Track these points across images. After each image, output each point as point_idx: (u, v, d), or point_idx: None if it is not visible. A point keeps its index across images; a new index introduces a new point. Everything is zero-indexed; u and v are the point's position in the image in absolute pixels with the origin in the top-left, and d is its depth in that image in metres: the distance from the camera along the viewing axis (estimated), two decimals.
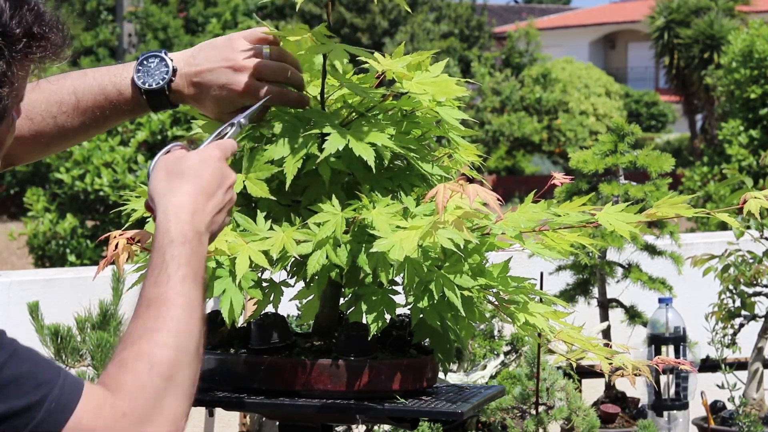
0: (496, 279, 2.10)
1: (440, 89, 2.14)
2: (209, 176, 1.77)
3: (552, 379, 3.82)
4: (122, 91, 2.09)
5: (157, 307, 1.63)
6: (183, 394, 1.61)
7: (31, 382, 1.51)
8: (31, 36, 1.60)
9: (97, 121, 2.11)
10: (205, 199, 1.75)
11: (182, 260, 1.67)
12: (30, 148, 2.13)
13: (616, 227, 2.12)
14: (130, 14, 28.40)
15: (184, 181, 1.75)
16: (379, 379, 2.09)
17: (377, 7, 31.06)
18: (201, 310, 1.67)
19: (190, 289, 1.65)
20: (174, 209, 1.71)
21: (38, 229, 11.66)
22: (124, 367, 1.58)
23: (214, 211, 1.76)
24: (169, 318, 1.62)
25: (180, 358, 1.61)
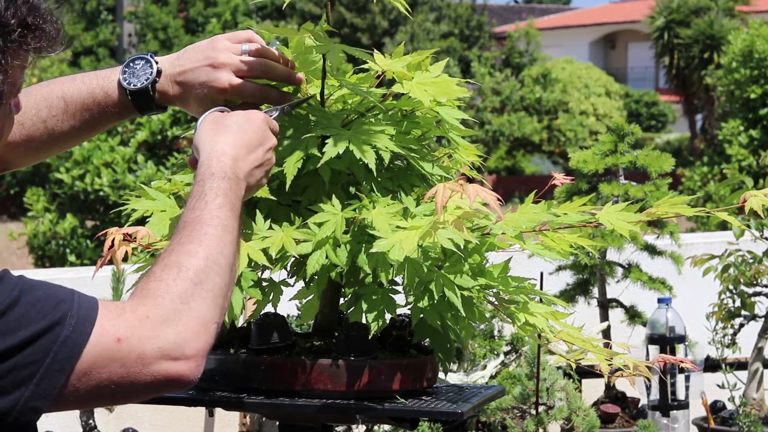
0: (496, 279, 2.10)
1: (440, 89, 2.14)
2: (252, 132, 1.90)
3: (552, 379, 3.82)
4: (109, 93, 2.11)
5: (191, 227, 1.71)
6: (212, 301, 1.64)
7: (48, 304, 1.56)
8: (26, 26, 1.64)
9: (87, 125, 2.13)
10: (247, 151, 1.87)
11: (220, 191, 1.77)
12: (22, 152, 2.14)
13: (616, 226, 2.12)
14: (130, 14, 28.40)
15: (229, 132, 1.88)
16: (379, 379, 2.09)
17: (377, 7, 31.06)
18: (236, 235, 1.74)
19: (226, 215, 1.74)
20: (217, 153, 1.83)
21: (38, 229, 11.66)
22: (152, 276, 1.64)
23: (254, 164, 1.88)
24: (202, 234, 1.69)
25: (209, 266, 1.66)
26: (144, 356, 1.57)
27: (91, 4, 29.61)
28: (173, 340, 1.59)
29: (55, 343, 1.54)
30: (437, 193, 1.91)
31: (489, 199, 1.91)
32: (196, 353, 1.61)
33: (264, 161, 1.91)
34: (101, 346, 1.56)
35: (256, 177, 1.89)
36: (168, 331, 1.59)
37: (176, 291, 1.62)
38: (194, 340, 1.61)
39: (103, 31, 29.45)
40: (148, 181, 2.80)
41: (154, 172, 11.01)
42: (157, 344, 1.58)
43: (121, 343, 1.57)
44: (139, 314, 1.59)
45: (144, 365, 1.58)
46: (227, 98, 2.08)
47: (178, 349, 1.59)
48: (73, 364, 1.55)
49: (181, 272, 1.63)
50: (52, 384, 1.54)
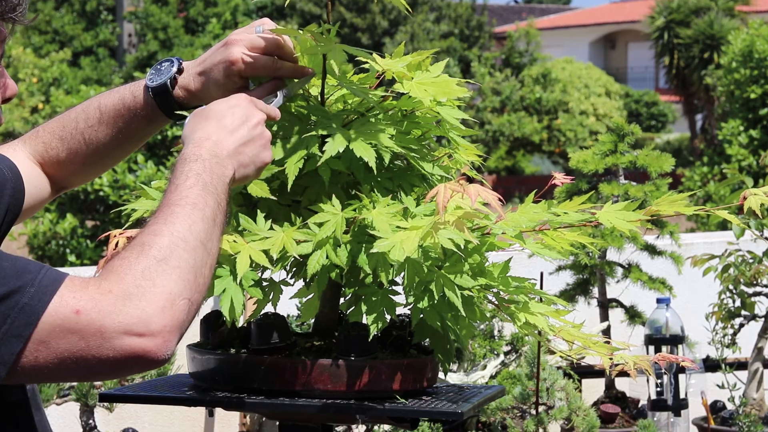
0: (496, 279, 2.10)
1: (440, 89, 2.14)
2: (231, 114, 1.90)
3: (552, 379, 3.82)
4: (137, 96, 2.14)
5: (160, 210, 1.71)
6: (179, 276, 1.62)
7: (11, 273, 1.56)
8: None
9: (121, 132, 2.15)
10: (228, 132, 1.88)
11: (191, 173, 1.76)
12: (70, 169, 2.19)
13: (616, 225, 2.12)
14: (130, 14, 28.40)
15: (209, 120, 1.90)
16: (379, 379, 2.09)
17: (377, 7, 31.06)
18: (210, 211, 1.72)
19: (197, 193, 1.73)
20: (194, 141, 1.85)
21: (38, 229, 11.66)
22: (117, 256, 1.63)
23: (240, 141, 1.88)
24: (169, 213, 1.69)
25: (175, 243, 1.64)
26: (104, 330, 1.56)
27: (91, 4, 29.62)
28: (136, 315, 1.57)
29: (13, 309, 1.55)
30: (438, 193, 1.91)
31: (490, 199, 1.91)
32: (162, 329, 1.58)
33: (252, 137, 1.91)
34: (59, 316, 1.56)
35: (249, 154, 1.89)
36: (130, 306, 1.57)
37: (139, 267, 1.60)
38: (160, 315, 1.58)
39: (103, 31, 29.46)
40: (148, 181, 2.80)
41: (154, 172, 11.02)
42: (118, 319, 1.56)
43: (80, 315, 1.56)
44: (102, 289, 1.58)
45: (105, 339, 1.56)
46: (242, 74, 2.08)
47: (142, 325, 1.57)
48: (30, 331, 1.55)
49: (144, 250, 1.62)
50: (8, 350, 1.55)
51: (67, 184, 2.24)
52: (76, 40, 28.95)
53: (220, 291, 2.02)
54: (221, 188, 1.79)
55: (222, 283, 2.02)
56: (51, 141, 2.18)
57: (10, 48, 18.93)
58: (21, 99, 17.96)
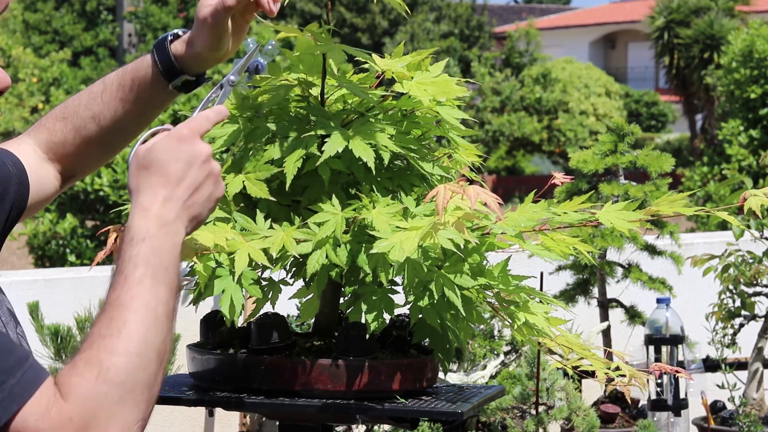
0: (496, 278, 2.10)
1: (440, 89, 2.14)
2: (174, 162, 1.73)
3: (552, 379, 3.82)
4: (139, 64, 2.12)
5: (111, 310, 1.61)
6: (135, 401, 1.57)
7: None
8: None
9: (125, 102, 2.12)
10: (173, 186, 1.72)
11: (140, 260, 1.64)
12: (79, 151, 2.16)
13: (616, 225, 2.12)
14: (130, 14, 28.39)
15: (151, 174, 1.73)
16: (379, 379, 2.09)
17: (377, 7, 31.06)
18: (162, 309, 1.63)
19: (147, 289, 1.62)
20: (140, 206, 1.71)
21: (38, 229, 11.66)
22: (75, 370, 1.57)
23: (188, 192, 1.72)
24: (122, 322, 1.59)
25: (132, 363, 1.58)
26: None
27: (91, 4, 29.61)
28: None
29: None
30: (438, 194, 1.91)
31: (489, 200, 1.91)
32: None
33: (202, 180, 1.74)
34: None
35: (200, 201, 1.74)
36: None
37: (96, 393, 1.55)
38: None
39: (103, 31, 29.45)
40: None
41: None
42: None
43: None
44: (63, 416, 1.54)
45: None
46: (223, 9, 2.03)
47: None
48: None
49: (101, 373, 1.56)
50: None
51: (76, 171, 2.19)
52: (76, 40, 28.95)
53: (220, 291, 2.02)
54: (173, 268, 1.67)
55: (222, 283, 2.02)
56: (55, 125, 2.15)
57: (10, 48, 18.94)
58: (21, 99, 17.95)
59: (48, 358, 4.16)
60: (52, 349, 4.16)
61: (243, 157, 2.12)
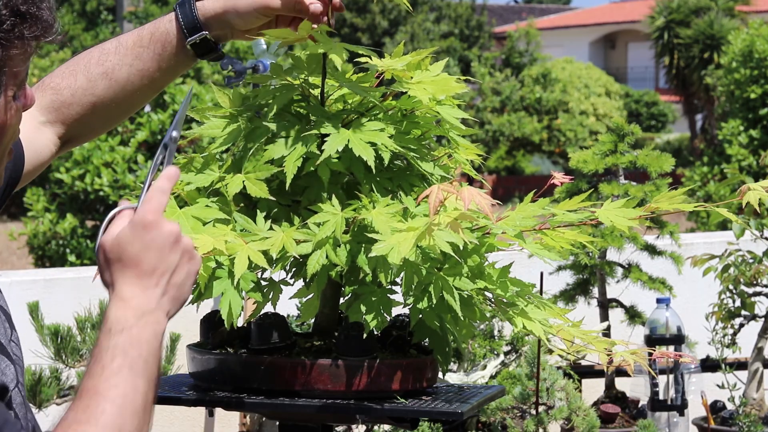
0: (495, 282, 2.10)
1: (440, 87, 2.14)
2: (146, 252, 1.66)
3: (552, 379, 3.82)
4: (161, 19, 2.09)
5: (88, 398, 1.58)
6: None
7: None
8: (19, 15, 1.60)
9: (141, 59, 2.09)
10: (149, 276, 1.66)
11: (118, 350, 1.61)
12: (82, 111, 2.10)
13: (616, 222, 2.12)
14: (130, 14, 28.39)
15: (124, 267, 1.67)
16: (379, 379, 2.09)
17: (377, 7, 31.06)
18: (140, 400, 1.60)
19: (125, 379, 1.59)
20: (117, 297, 1.65)
21: (38, 229, 11.66)
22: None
23: (165, 278, 1.67)
24: (99, 411, 1.56)
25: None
26: None
27: (91, 4, 29.61)
28: None
29: None
30: (431, 194, 1.91)
31: (483, 203, 1.90)
32: None
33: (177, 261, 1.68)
34: None
35: (177, 284, 1.68)
36: None
37: None
38: None
39: (103, 31, 29.44)
40: None
41: None
42: None
43: None
44: None
45: None
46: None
47: None
48: None
49: None
50: None
51: (78, 135, 2.14)
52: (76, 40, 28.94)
53: (219, 293, 2.02)
54: (152, 358, 1.64)
55: (221, 285, 2.02)
56: (61, 82, 2.10)
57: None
58: None
59: (48, 358, 4.16)
60: (52, 349, 4.16)
61: (243, 157, 2.12)
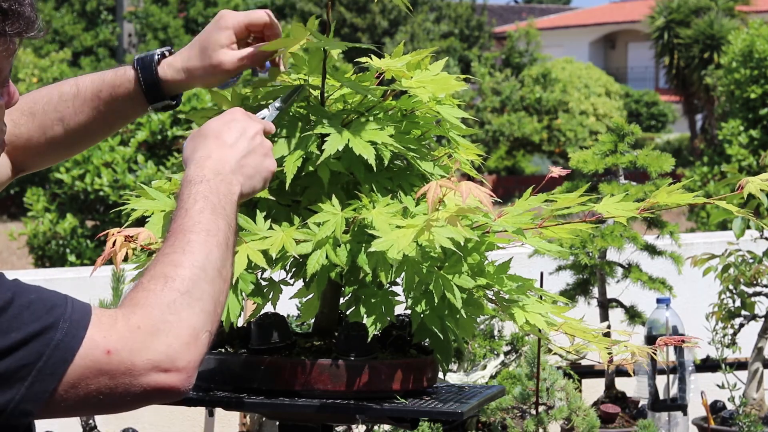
0: (495, 278, 2.10)
1: (439, 86, 2.14)
2: (228, 129, 1.87)
3: (552, 379, 3.82)
4: (119, 74, 2.13)
5: (174, 236, 1.69)
6: (201, 309, 1.63)
7: (41, 307, 1.55)
8: (2, 12, 1.63)
9: (98, 112, 2.13)
10: (227, 148, 1.84)
11: (199, 196, 1.75)
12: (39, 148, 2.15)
13: (615, 215, 2.12)
14: (130, 14, 28.40)
15: (205, 138, 1.86)
16: (379, 379, 2.09)
17: (377, 7, 31.06)
18: (223, 236, 1.72)
19: (207, 218, 1.72)
20: (196, 161, 1.82)
21: (38, 229, 11.66)
22: (139, 287, 1.63)
23: (240, 155, 1.85)
24: (185, 242, 1.68)
25: (196, 274, 1.65)
26: (134, 368, 1.57)
27: (91, 4, 29.60)
28: (164, 352, 1.58)
29: (48, 346, 1.54)
30: (429, 190, 1.91)
31: (482, 196, 1.91)
32: (187, 365, 1.60)
33: (253, 147, 1.88)
34: (91, 357, 1.56)
35: (252, 165, 1.86)
36: (158, 342, 1.58)
37: (165, 301, 1.61)
38: (185, 351, 1.60)
39: (103, 31, 29.44)
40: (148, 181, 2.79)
41: (154, 172, 11.01)
42: (147, 356, 1.57)
43: (111, 356, 1.57)
44: (131, 324, 1.58)
45: (133, 377, 1.57)
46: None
47: (169, 361, 1.59)
48: (65, 369, 1.55)
49: (168, 282, 1.62)
50: (43, 387, 1.54)
51: (30, 166, 2.19)
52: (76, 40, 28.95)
53: None
54: (230, 208, 1.78)
55: None
56: (20, 118, 2.14)
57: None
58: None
59: None
60: None
61: None
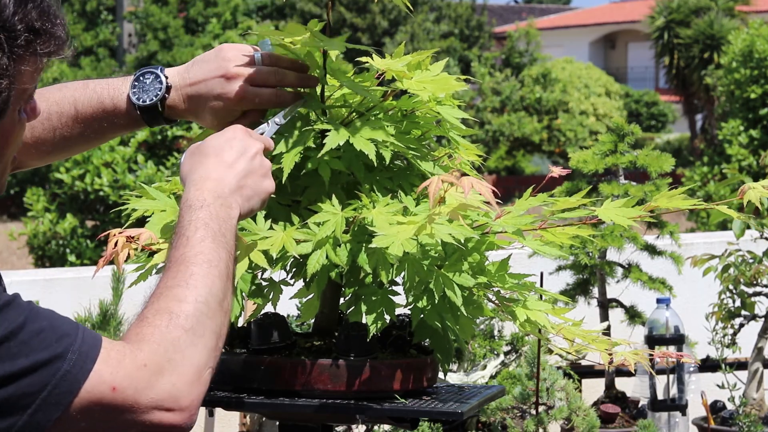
0: (495, 277, 2.10)
1: (439, 86, 2.14)
2: (229, 148, 1.87)
3: (552, 379, 3.82)
4: (118, 106, 2.12)
5: (176, 267, 1.69)
6: (204, 346, 1.64)
7: (52, 335, 1.56)
8: (34, 32, 1.64)
9: (96, 132, 2.14)
10: (226, 168, 1.84)
11: (200, 223, 1.75)
12: (33, 154, 2.16)
13: (616, 220, 2.12)
14: (130, 14, 28.39)
15: (205, 156, 1.86)
16: (379, 379, 2.09)
17: (377, 7, 31.06)
18: (224, 266, 1.72)
19: (209, 247, 1.72)
20: (195, 181, 1.81)
21: (38, 229, 11.66)
22: (144, 321, 1.63)
23: (240, 176, 1.84)
24: (188, 274, 1.68)
25: (200, 310, 1.65)
26: (137, 406, 1.59)
27: (91, 4, 29.59)
28: (168, 391, 1.60)
29: (54, 376, 1.55)
30: (430, 185, 1.91)
31: (484, 191, 1.91)
32: (190, 404, 1.62)
33: (252, 168, 1.87)
34: (96, 392, 1.57)
35: (251, 186, 1.86)
36: (163, 381, 1.60)
37: (169, 338, 1.62)
38: (188, 390, 1.62)
39: (103, 31, 29.43)
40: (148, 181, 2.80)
41: (154, 172, 11.01)
42: (151, 395, 1.59)
43: (116, 392, 1.58)
44: (138, 362, 1.59)
45: (136, 414, 1.59)
46: (242, 108, 2.08)
47: (172, 400, 1.60)
48: (69, 400, 1.56)
49: (172, 319, 1.63)
50: (45, 417, 1.55)
51: (23, 166, 2.20)
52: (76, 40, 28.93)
53: None
54: (230, 235, 1.78)
55: None
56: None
57: None
58: None
59: None
60: None
61: None
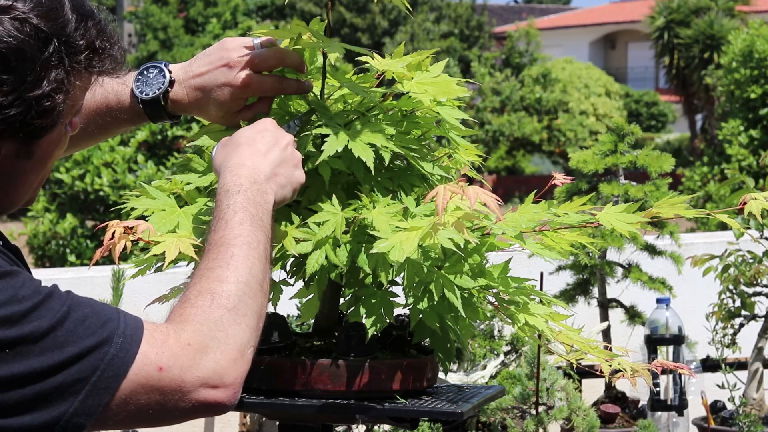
0: (496, 279, 2.10)
1: (440, 89, 2.13)
2: (262, 138, 1.92)
3: (552, 379, 3.82)
4: (122, 100, 2.13)
5: (216, 249, 1.73)
6: (247, 325, 1.68)
7: (96, 321, 1.59)
8: (93, 49, 1.68)
9: (99, 128, 2.15)
10: (261, 156, 1.89)
11: (238, 207, 1.79)
12: None
13: (617, 227, 2.12)
14: (130, 14, 28.39)
15: (241, 147, 1.91)
16: (379, 379, 2.09)
17: (377, 7, 31.07)
18: (263, 248, 1.76)
19: (248, 230, 1.76)
20: (231, 168, 1.86)
21: (38, 229, 11.66)
22: (187, 302, 1.67)
23: (274, 163, 1.90)
24: (228, 255, 1.72)
25: (241, 290, 1.69)
26: (184, 385, 1.62)
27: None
28: (212, 368, 1.63)
29: (103, 361, 1.58)
30: (438, 194, 1.91)
31: (489, 200, 1.91)
32: (234, 381, 1.65)
33: (285, 158, 1.92)
34: (143, 374, 1.60)
35: (284, 174, 1.91)
36: (207, 359, 1.63)
37: (213, 318, 1.65)
38: (233, 367, 1.65)
39: None
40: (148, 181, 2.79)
41: (154, 172, 11.02)
42: (196, 373, 1.62)
43: (163, 372, 1.61)
44: (182, 341, 1.62)
45: (183, 393, 1.62)
46: (248, 96, 2.09)
47: (217, 377, 1.63)
48: (118, 384, 1.58)
49: (215, 299, 1.67)
50: (96, 401, 1.57)
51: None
52: None
53: None
54: (267, 219, 1.82)
55: None
56: None
57: None
58: None
59: None
60: None
61: None
